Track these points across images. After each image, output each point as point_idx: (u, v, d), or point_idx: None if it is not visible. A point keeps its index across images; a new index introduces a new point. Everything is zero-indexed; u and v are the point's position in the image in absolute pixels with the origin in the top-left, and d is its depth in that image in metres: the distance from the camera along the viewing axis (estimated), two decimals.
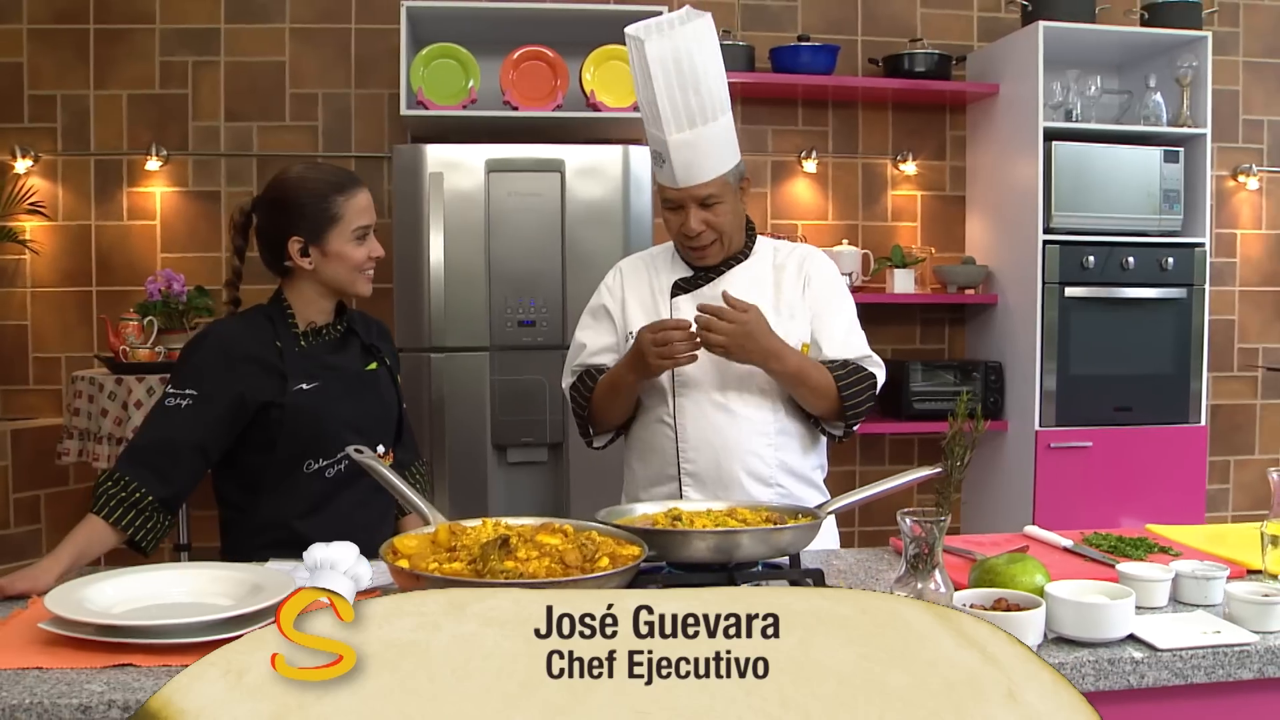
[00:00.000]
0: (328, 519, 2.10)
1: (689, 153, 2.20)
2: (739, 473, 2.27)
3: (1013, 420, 4.35)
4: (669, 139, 2.20)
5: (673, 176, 2.23)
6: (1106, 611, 1.55)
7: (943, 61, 4.44)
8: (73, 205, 4.28)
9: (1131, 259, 4.18)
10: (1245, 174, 4.79)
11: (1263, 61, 4.85)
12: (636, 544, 1.61)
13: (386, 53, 4.34)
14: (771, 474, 2.29)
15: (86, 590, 1.64)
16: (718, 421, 2.28)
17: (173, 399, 2.05)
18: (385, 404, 2.26)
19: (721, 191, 2.24)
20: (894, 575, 1.58)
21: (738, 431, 2.27)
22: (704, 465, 2.28)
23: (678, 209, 2.28)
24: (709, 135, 2.21)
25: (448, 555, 1.57)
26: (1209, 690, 1.57)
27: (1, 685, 1.40)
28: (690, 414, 2.29)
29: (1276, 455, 4.94)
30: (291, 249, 2.12)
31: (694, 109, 2.19)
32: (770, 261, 2.35)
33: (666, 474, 2.33)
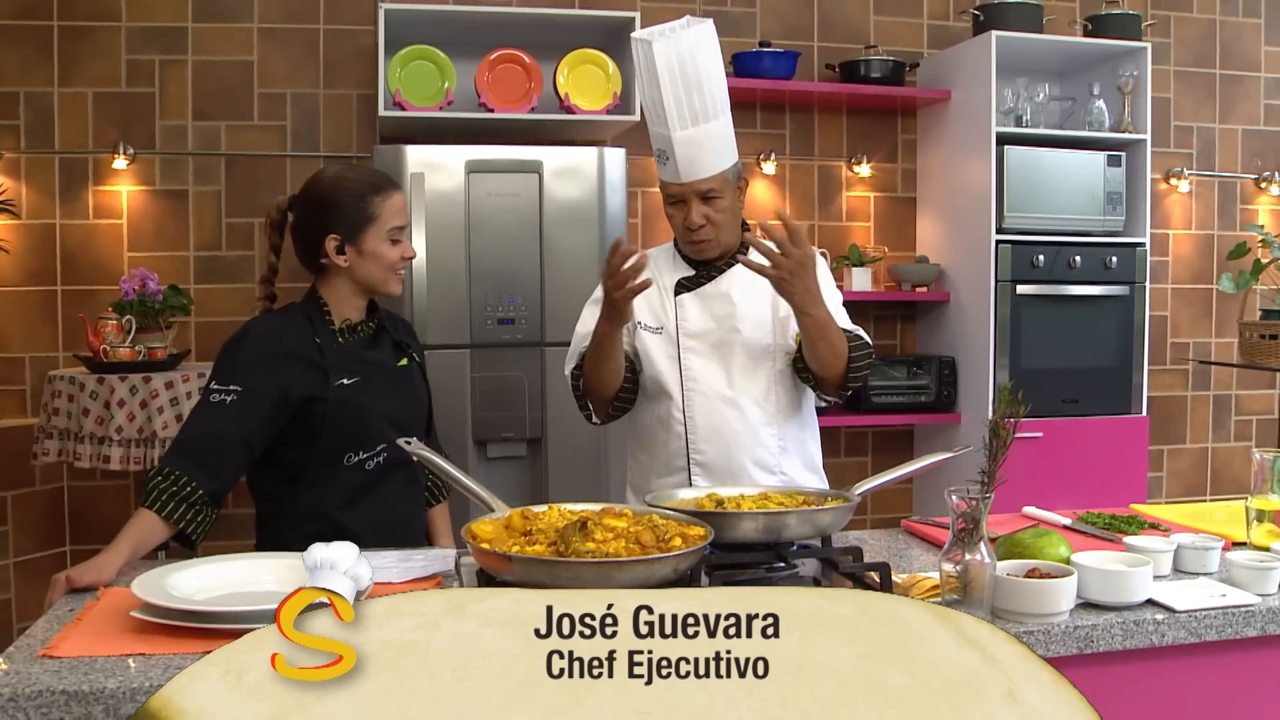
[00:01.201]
0: (367, 510, 2.18)
1: (692, 149, 2.35)
2: (746, 462, 2.39)
3: (965, 412, 4.54)
4: (673, 135, 2.34)
5: (676, 172, 2.37)
6: (1130, 578, 1.70)
7: (896, 68, 4.61)
8: (37, 203, 4.23)
9: (1078, 257, 4.40)
10: (1177, 177, 5.06)
11: (1192, 71, 5.13)
12: (701, 525, 1.72)
13: (355, 53, 4.38)
14: (776, 462, 2.41)
15: (171, 578, 1.70)
16: (726, 414, 2.39)
17: (217, 395, 2.10)
18: (418, 398, 2.34)
19: (722, 187, 2.38)
20: (941, 550, 1.71)
21: (744, 424, 2.39)
22: (713, 456, 2.40)
23: (680, 203, 2.41)
24: (711, 132, 2.36)
25: (525, 539, 1.65)
26: (1219, 647, 1.73)
27: (112, 671, 1.46)
28: (699, 408, 2.41)
29: (1205, 444, 5.23)
30: (328, 246, 2.18)
31: (697, 107, 2.34)
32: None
33: (675, 465, 2.44)
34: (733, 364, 2.41)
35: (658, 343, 2.44)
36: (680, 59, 2.32)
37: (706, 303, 2.44)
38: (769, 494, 2.02)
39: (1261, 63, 5.23)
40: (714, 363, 2.41)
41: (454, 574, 1.93)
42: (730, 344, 2.41)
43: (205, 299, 4.23)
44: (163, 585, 1.67)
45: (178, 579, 1.70)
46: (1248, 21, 5.21)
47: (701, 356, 2.42)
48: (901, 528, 2.36)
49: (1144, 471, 4.55)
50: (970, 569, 1.63)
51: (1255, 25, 5.22)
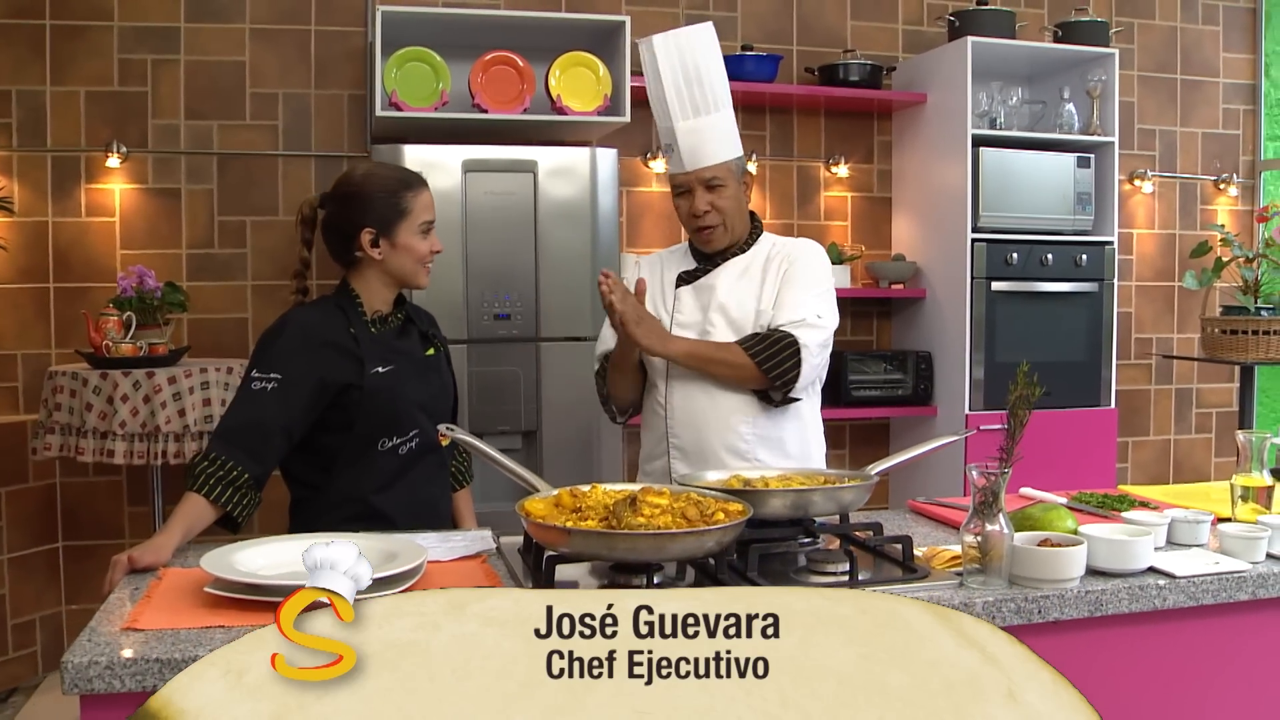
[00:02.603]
0: (400, 493, 2.27)
1: (694, 139, 2.51)
2: (718, 448, 2.52)
3: (942, 405, 4.70)
4: (676, 126, 2.51)
5: (680, 161, 2.53)
6: (1134, 547, 1.84)
7: (874, 71, 4.76)
8: (29, 201, 4.26)
9: (1050, 255, 4.57)
10: (1141, 178, 5.26)
11: (1155, 76, 5.33)
12: (739, 501, 1.83)
13: (346, 54, 4.46)
14: (749, 448, 2.52)
15: (236, 556, 1.78)
16: (701, 403, 2.53)
17: (258, 383, 2.18)
18: (445, 386, 2.44)
19: (725, 178, 2.52)
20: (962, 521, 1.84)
21: (718, 412, 2.51)
22: (688, 441, 2.54)
23: (686, 194, 2.55)
24: (712, 124, 2.52)
25: (576, 515, 1.76)
26: (1214, 610, 1.87)
27: (198, 641, 1.53)
28: (678, 395, 2.55)
29: (1168, 436, 5.43)
30: (363, 240, 2.27)
31: (698, 99, 2.52)
32: (765, 254, 2.60)
33: (660, 449, 2.60)
34: None
35: None
36: (680, 55, 2.53)
37: (698, 294, 2.58)
38: (790, 475, 2.13)
39: (1220, 69, 5.44)
40: None
41: (496, 553, 2.02)
42: (710, 333, 2.53)
43: (198, 296, 4.27)
44: (229, 562, 1.75)
45: (243, 556, 1.78)
46: (1207, 29, 5.42)
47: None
48: (908, 508, 2.49)
49: (1113, 462, 4.73)
50: (990, 539, 1.76)
51: (1214, 32, 5.43)
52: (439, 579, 1.83)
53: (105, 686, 1.47)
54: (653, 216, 4.79)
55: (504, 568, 1.94)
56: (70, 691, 1.48)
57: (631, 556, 1.66)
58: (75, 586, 4.30)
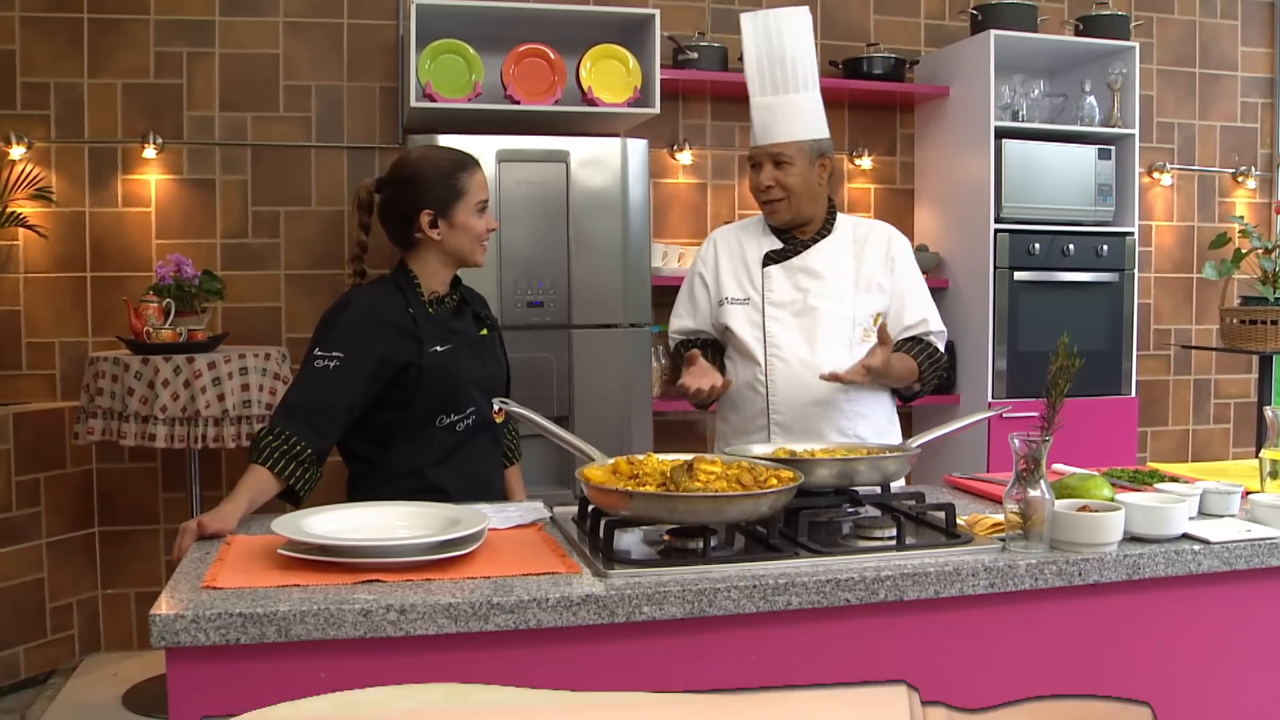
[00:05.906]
0: (456, 467, 2.34)
1: (767, 115, 2.63)
2: (822, 425, 2.61)
3: (964, 394, 4.76)
4: (754, 101, 2.65)
5: (754, 135, 2.65)
6: (1170, 513, 1.90)
7: (897, 65, 4.82)
8: (66, 192, 4.34)
9: (1071, 246, 4.63)
10: (1160, 171, 5.32)
11: (1174, 69, 5.39)
12: (789, 469, 1.89)
13: (378, 47, 4.53)
14: (851, 425, 2.62)
15: (307, 520, 1.85)
16: (806, 379, 2.59)
17: (321, 360, 2.24)
18: (499, 364, 2.51)
19: (794, 156, 2.61)
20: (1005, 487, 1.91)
21: (822, 388, 2.57)
22: (792, 418, 2.63)
23: (756, 166, 2.66)
24: (788, 103, 2.63)
25: (634, 482, 1.82)
26: (1246, 575, 1.93)
27: (276, 599, 1.60)
28: (780, 372, 2.63)
29: (1187, 426, 5.48)
30: (422, 221, 2.34)
31: (778, 78, 2.64)
32: (850, 236, 2.70)
33: (757, 424, 2.66)
34: (815, 332, 2.62)
35: (743, 312, 2.65)
36: (767, 34, 2.65)
37: (791, 275, 2.65)
38: (836, 450, 2.20)
39: (1238, 62, 5.50)
40: (796, 331, 2.63)
41: (551, 522, 2.10)
42: (813, 313, 2.62)
43: (231, 285, 4.34)
44: (300, 526, 1.82)
45: (313, 521, 1.85)
46: (1225, 23, 5.47)
47: (784, 325, 2.63)
48: (944, 483, 2.55)
49: (1134, 450, 4.78)
50: (1031, 504, 1.82)
51: (1232, 27, 5.48)
52: (499, 545, 1.90)
53: (190, 640, 1.54)
54: (679, 207, 4.85)
55: (560, 535, 2.01)
56: (158, 644, 1.54)
57: (691, 519, 1.72)
58: (111, 571, 4.38)
